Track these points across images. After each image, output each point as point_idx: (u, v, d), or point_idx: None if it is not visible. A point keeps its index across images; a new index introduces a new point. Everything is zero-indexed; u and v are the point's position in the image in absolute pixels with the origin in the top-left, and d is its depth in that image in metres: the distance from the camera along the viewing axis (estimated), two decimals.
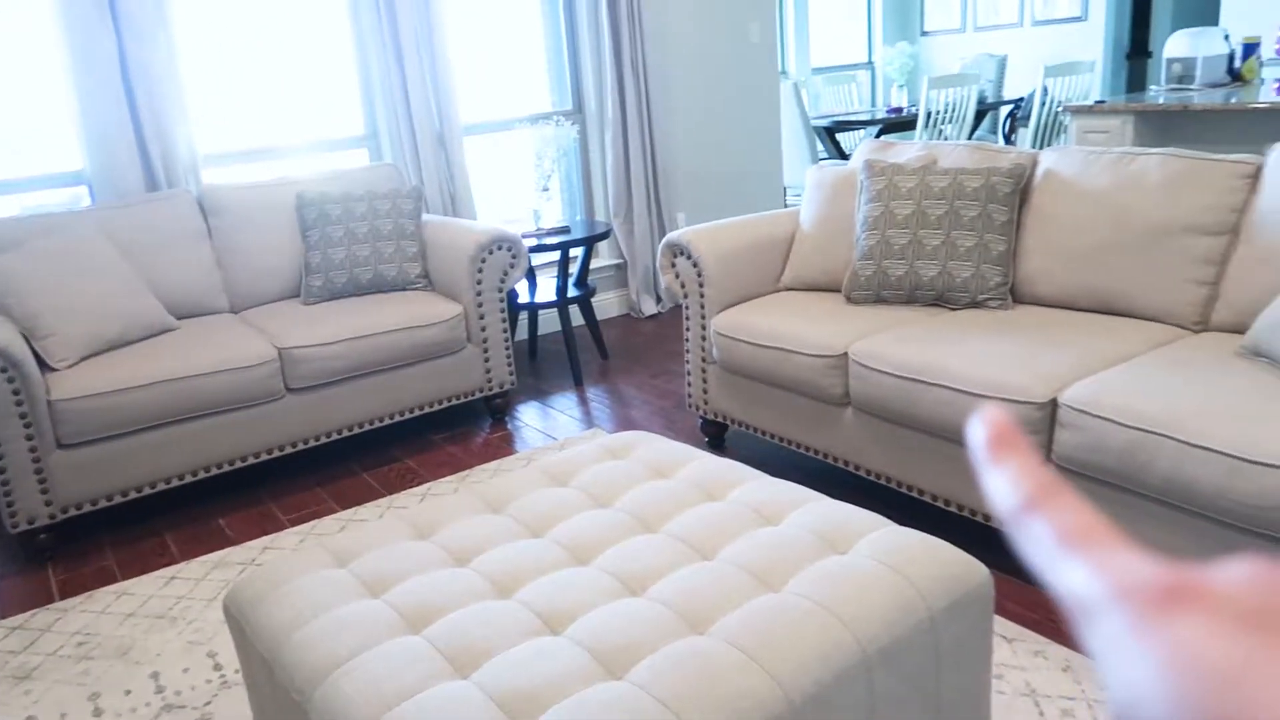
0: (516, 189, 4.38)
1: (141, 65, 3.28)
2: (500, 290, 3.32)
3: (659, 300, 4.72)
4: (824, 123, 6.09)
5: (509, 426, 3.44)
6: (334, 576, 1.61)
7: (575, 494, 1.87)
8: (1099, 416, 1.89)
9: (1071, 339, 2.23)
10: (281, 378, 2.92)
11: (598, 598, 1.48)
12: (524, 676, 1.30)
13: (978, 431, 0.27)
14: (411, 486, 2.98)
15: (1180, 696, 0.20)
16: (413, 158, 3.92)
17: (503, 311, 3.35)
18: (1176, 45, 4.22)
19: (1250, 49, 4.22)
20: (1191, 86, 4.21)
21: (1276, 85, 4.25)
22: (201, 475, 2.85)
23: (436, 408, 3.27)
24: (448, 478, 3.02)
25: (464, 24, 4.22)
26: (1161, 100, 3.86)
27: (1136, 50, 7.45)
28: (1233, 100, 3.67)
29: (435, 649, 1.38)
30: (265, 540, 2.69)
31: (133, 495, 2.74)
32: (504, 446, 3.27)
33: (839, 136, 6.17)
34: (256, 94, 3.79)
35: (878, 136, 5.90)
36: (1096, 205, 2.43)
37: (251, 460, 2.92)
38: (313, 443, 3.03)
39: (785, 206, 5.38)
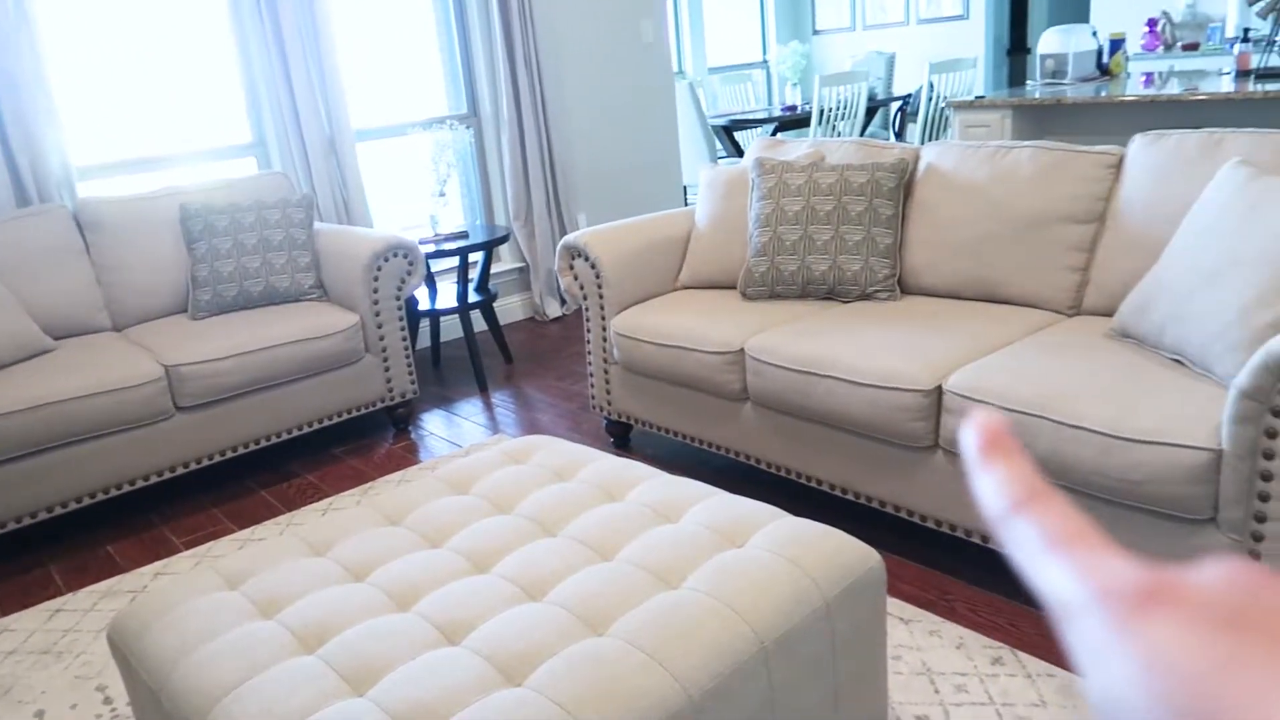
0: (413, 195, 4.31)
1: (3, 70, 3.12)
2: (398, 298, 3.27)
3: (563, 302, 4.71)
4: (721, 121, 6.17)
5: (413, 436, 3.39)
6: (224, 599, 1.56)
7: (475, 501, 1.85)
8: (980, 401, 1.96)
9: (955, 327, 2.31)
10: (170, 396, 2.82)
11: (497, 605, 1.47)
12: (421, 690, 1.28)
13: (970, 435, 0.27)
14: (312, 502, 2.91)
15: (1157, 697, 0.20)
16: (303, 165, 3.83)
17: (401, 320, 3.30)
18: (1049, 42, 4.41)
19: (1116, 45, 4.44)
20: (1064, 81, 4.40)
21: (1144, 79, 4.48)
22: (87, 502, 2.73)
23: (336, 420, 3.20)
24: (350, 491, 2.95)
25: (352, 27, 4.14)
26: (1037, 95, 4.03)
27: (1016, 47, 7.76)
28: (1102, 94, 3.85)
29: (330, 667, 1.35)
30: (158, 565, 2.59)
31: (11, 526, 2.61)
32: (408, 456, 3.22)
33: (737, 135, 6.25)
34: (135, 101, 3.65)
35: (774, 134, 6.01)
36: (975, 197, 2.53)
37: (141, 484, 2.81)
38: (206, 462, 2.93)
39: (686, 205, 5.43)
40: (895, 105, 6.80)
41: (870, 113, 6.38)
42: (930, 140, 6.04)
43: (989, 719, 1.74)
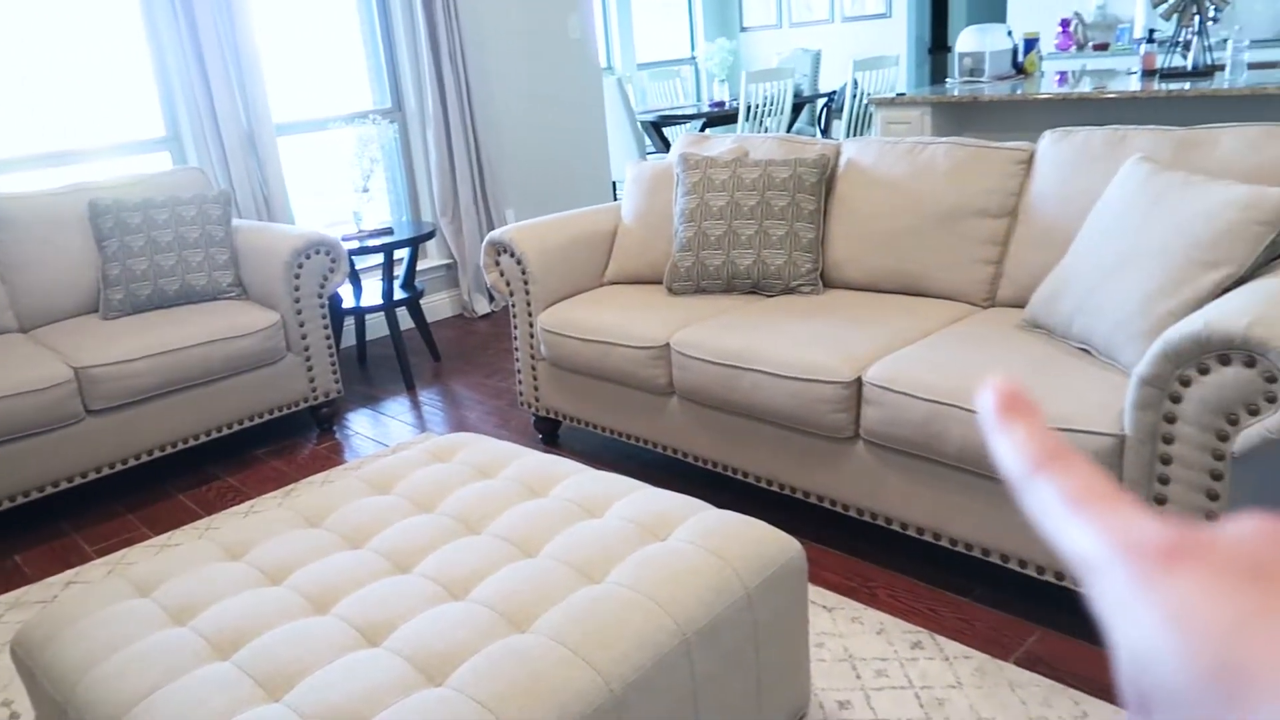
0: (337, 191, 4.23)
1: None
2: (321, 296, 3.21)
3: (491, 299, 4.68)
4: (650, 117, 6.18)
5: (338, 436, 3.33)
6: (135, 607, 1.52)
7: (397, 501, 1.83)
8: (898, 392, 2.00)
9: (875, 320, 2.35)
10: (80, 399, 2.72)
11: (418, 605, 1.45)
12: (339, 693, 1.26)
13: (987, 398, 0.27)
14: (233, 505, 2.84)
15: (1183, 652, 0.20)
16: (220, 160, 3.73)
17: (324, 318, 3.24)
18: (967, 41, 4.51)
19: (1030, 44, 4.57)
20: (982, 79, 4.52)
21: (1058, 77, 4.61)
22: None
23: (258, 421, 3.13)
24: (272, 493, 2.89)
25: (271, 18, 4.04)
26: (956, 92, 4.13)
27: (937, 45, 7.93)
28: (1017, 92, 3.96)
29: (245, 674, 1.32)
30: (68, 575, 2.50)
31: None
32: (333, 457, 3.16)
33: (665, 131, 6.27)
34: (41, 94, 3.51)
35: (702, 130, 6.04)
36: (894, 193, 2.58)
37: (50, 490, 2.71)
38: (120, 467, 2.84)
39: (616, 200, 5.43)
40: (821, 102, 6.90)
41: (797, 109, 6.46)
42: (855, 136, 6.14)
43: (908, 702, 1.78)
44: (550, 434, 3.09)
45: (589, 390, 2.77)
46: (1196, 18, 3.67)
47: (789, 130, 6.26)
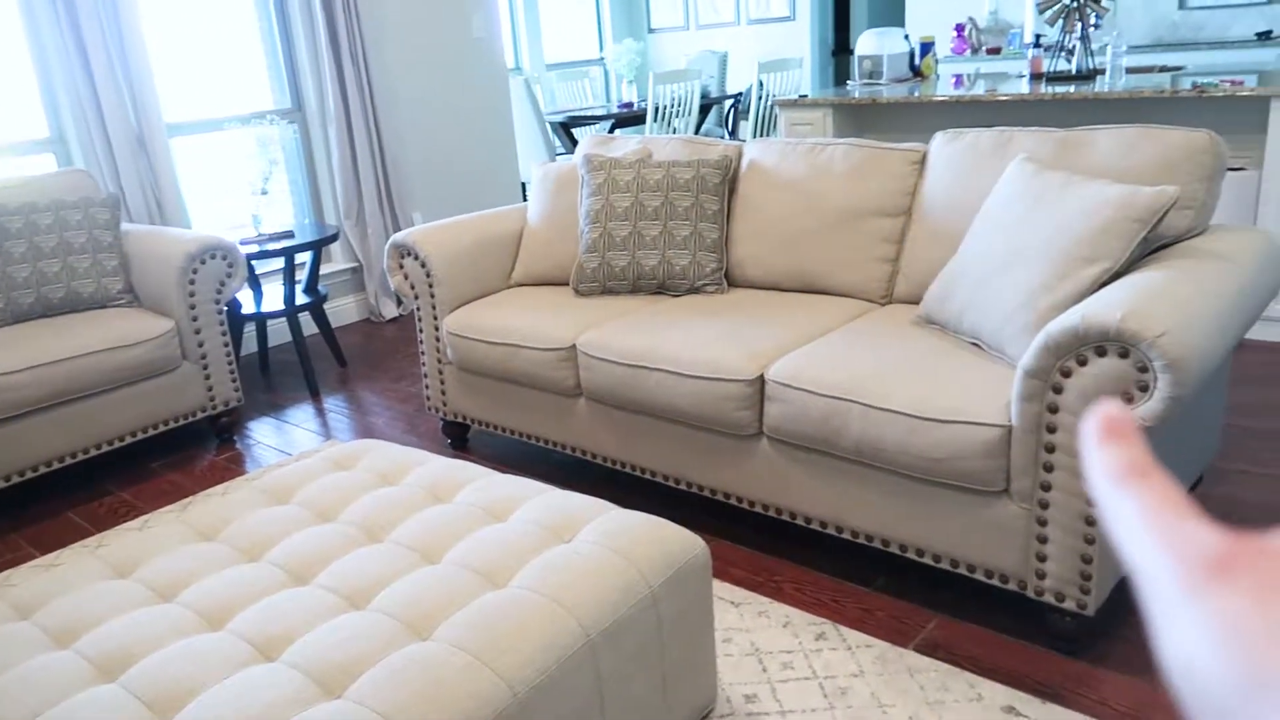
0: (235, 193, 4.11)
1: None
2: (218, 302, 3.11)
3: (399, 303, 4.60)
4: (559, 118, 6.17)
5: (239, 446, 3.24)
6: (12, 631, 1.45)
7: (296, 511, 1.79)
8: (798, 388, 2.04)
9: (777, 318, 2.40)
10: None
11: (317, 617, 1.42)
12: (233, 710, 1.23)
13: (1093, 421, 0.27)
14: (126, 521, 2.73)
15: (1225, 662, 0.20)
16: (108, 162, 3.58)
17: (223, 324, 3.14)
18: (866, 44, 4.63)
19: (926, 48, 4.71)
20: (881, 81, 4.63)
21: (954, 80, 4.77)
22: None
23: (153, 433, 3.02)
24: (169, 507, 2.78)
25: (160, 14, 3.90)
26: (856, 94, 4.22)
27: (840, 48, 8.11)
28: (914, 94, 4.07)
29: (132, 695, 1.28)
30: None
31: None
32: (232, 468, 3.07)
33: (575, 131, 6.27)
34: None
35: (611, 131, 6.06)
36: (794, 193, 2.63)
37: None
38: (3, 484, 2.70)
39: (526, 201, 5.40)
40: (728, 103, 6.98)
41: (705, 110, 6.53)
42: (762, 137, 6.24)
43: (812, 692, 1.81)
44: (459, 438, 3.06)
45: (496, 393, 2.75)
46: (1079, 24, 3.83)
47: (697, 131, 6.32)
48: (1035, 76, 4.19)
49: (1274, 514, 2.29)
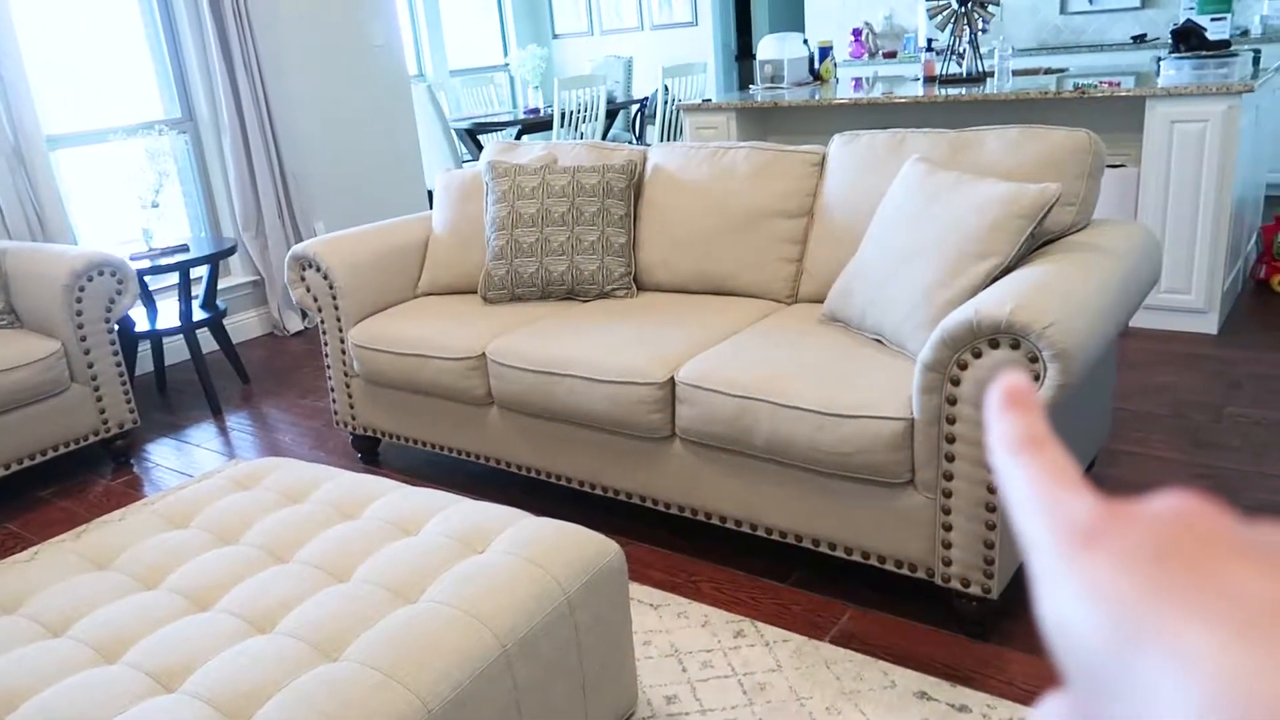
0: (124, 207, 3.95)
1: None
2: (108, 321, 2.98)
3: (304, 316, 4.49)
4: (464, 125, 6.11)
5: (136, 470, 3.11)
6: None
7: (197, 535, 1.72)
8: (708, 390, 2.06)
9: (686, 321, 2.41)
10: None
11: (219, 644, 1.38)
12: None
13: (996, 391, 0.27)
14: (13, 554, 2.59)
15: (1090, 626, 0.21)
16: None
17: (114, 344, 3.01)
18: (767, 49, 4.70)
19: (825, 52, 4.81)
20: (783, 85, 4.72)
21: (854, 83, 4.88)
22: None
23: (41, 460, 2.87)
24: (61, 537, 2.66)
25: (38, 21, 3.72)
26: (759, 98, 4.29)
27: (743, 52, 8.23)
28: (815, 97, 4.16)
29: None
30: None
31: None
32: (130, 493, 2.94)
33: (481, 138, 6.21)
34: None
35: (518, 137, 6.03)
36: (699, 196, 2.65)
37: None
38: None
39: (431, 210, 5.33)
40: (635, 108, 7.02)
41: (611, 115, 6.55)
42: (668, 141, 6.29)
43: (732, 690, 1.83)
44: (369, 452, 3.00)
45: (406, 405, 2.70)
46: (967, 29, 3.97)
47: (604, 136, 6.34)
48: (929, 79, 4.32)
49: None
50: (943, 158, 2.29)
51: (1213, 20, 4.95)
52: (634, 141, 7.06)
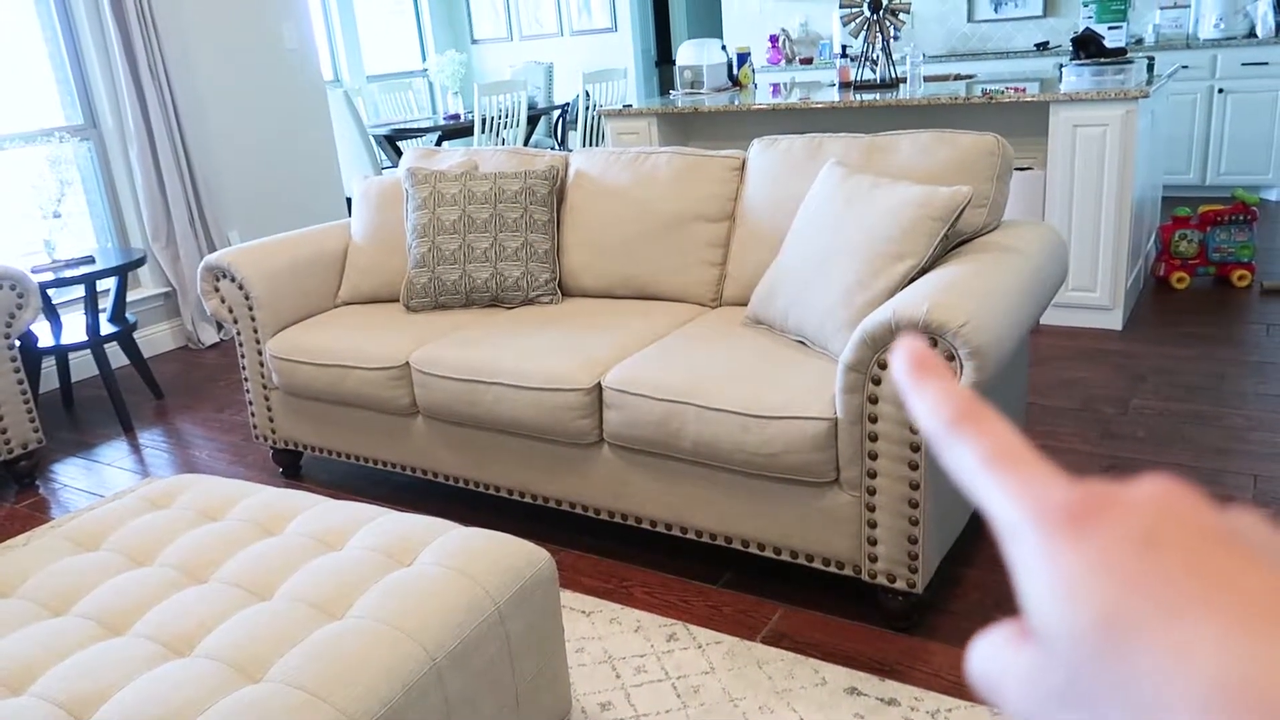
0: (23, 217, 3.78)
1: None
2: (8, 336, 2.85)
3: (220, 327, 4.36)
4: (384, 131, 6.01)
5: (42, 491, 2.98)
6: None
7: (108, 557, 1.66)
8: (635, 394, 2.07)
9: (612, 325, 2.42)
10: None
11: (134, 669, 1.32)
12: None
13: (899, 359, 0.27)
14: None
15: (1073, 613, 0.20)
16: None
17: (15, 360, 2.88)
18: (685, 54, 4.74)
19: (743, 58, 4.87)
20: (702, 91, 4.76)
21: (772, 89, 4.95)
22: None
23: None
24: None
25: None
26: (679, 104, 4.32)
27: (663, 58, 8.28)
28: (735, 103, 4.21)
29: None
30: None
31: None
32: (37, 515, 2.82)
33: (400, 144, 6.12)
34: None
35: (438, 143, 5.95)
36: (621, 201, 2.66)
37: None
38: None
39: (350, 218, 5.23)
40: (556, 113, 7.00)
41: (533, 121, 6.52)
42: (590, 146, 6.29)
43: (666, 694, 1.84)
44: (291, 466, 2.92)
45: (329, 417, 2.64)
46: (880, 35, 4.06)
47: (526, 142, 6.31)
48: (844, 85, 4.41)
49: None
50: (859, 161, 2.34)
51: (1110, 29, 5.16)
52: (556, 147, 7.04)
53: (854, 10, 4.04)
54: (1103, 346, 3.42)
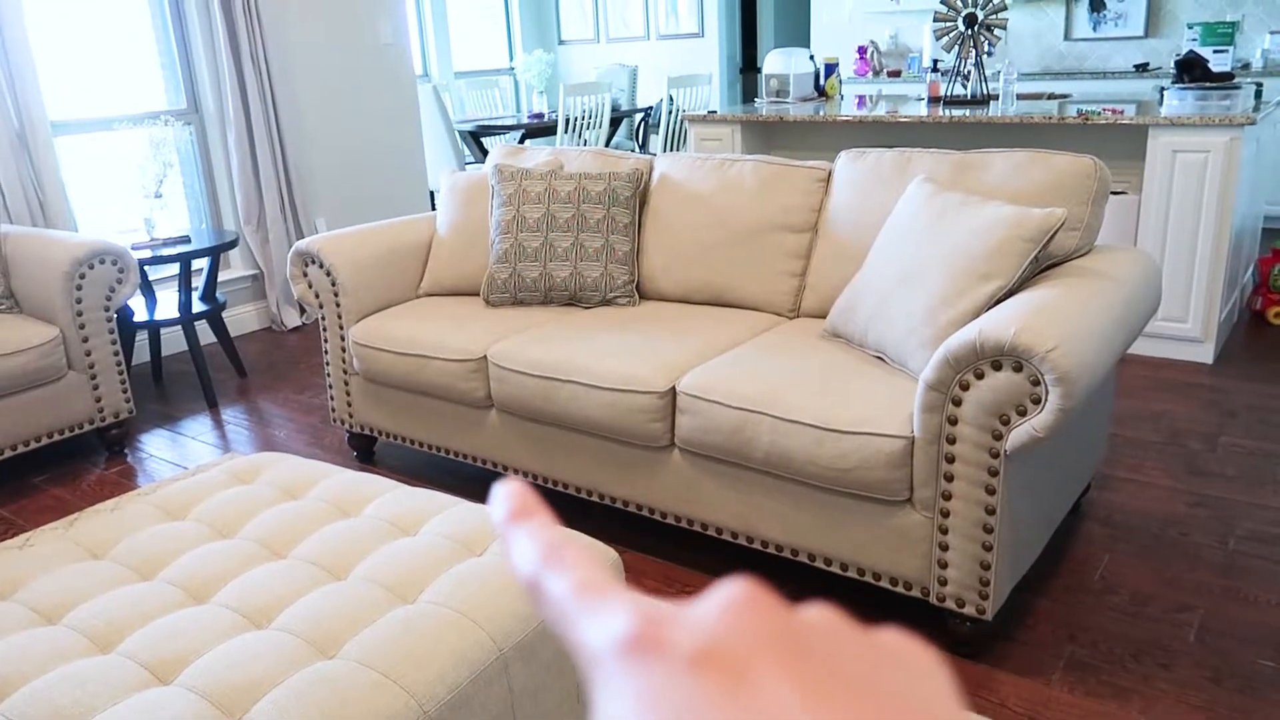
0: (127, 196, 3.94)
1: None
2: (107, 309, 2.97)
3: (303, 311, 4.48)
4: (468, 127, 6.11)
5: (130, 460, 3.10)
6: None
7: (194, 527, 1.72)
8: (709, 400, 2.07)
9: (688, 330, 2.42)
10: None
11: (215, 638, 1.37)
12: None
13: (500, 503, 0.27)
14: (4, 540, 2.58)
15: None
16: None
17: (113, 332, 3.00)
18: (772, 63, 4.73)
19: (831, 69, 4.83)
20: (788, 100, 4.74)
21: (858, 100, 4.90)
22: None
23: (35, 446, 2.86)
24: (53, 524, 2.64)
25: (46, 7, 3.72)
26: (764, 112, 4.31)
27: (748, 65, 8.26)
28: (820, 113, 4.18)
29: None
30: None
31: None
32: (124, 482, 2.93)
33: (485, 140, 6.22)
34: None
35: (521, 141, 6.03)
36: (704, 207, 2.66)
37: None
38: None
39: (433, 211, 5.33)
40: (639, 116, 7.04)
41: (615, 123, 6.56)
42: (671, 151, 6.30)
43: None
44: (365, 451, 2.99)
45: (405, 405, 2.70)
46: (973, 50, 4.00)
47: (608, 144, 6.35)
48: (933, 100, 4.34)
49: (1156, 519, 2.42)
50: (948, 178, 2.30)
51: (1215, 52, 4.99)
52: (636, 150, 7.08)
53: (948, 24, 3.98)
54: (1192, 380, 3.31)
